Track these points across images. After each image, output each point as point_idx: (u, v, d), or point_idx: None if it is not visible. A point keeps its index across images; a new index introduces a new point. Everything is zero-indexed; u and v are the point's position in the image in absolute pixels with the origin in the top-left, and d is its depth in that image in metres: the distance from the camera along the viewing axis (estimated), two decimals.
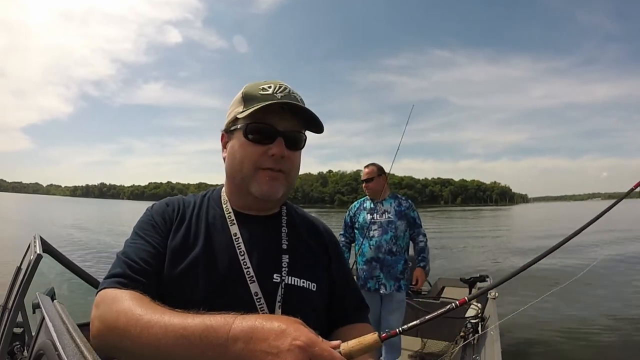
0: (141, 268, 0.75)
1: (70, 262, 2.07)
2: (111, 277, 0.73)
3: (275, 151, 0.80)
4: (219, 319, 0.57)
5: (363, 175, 3.21)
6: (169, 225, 0.84)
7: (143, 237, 0.80)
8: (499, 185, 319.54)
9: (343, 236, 3.29)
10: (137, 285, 0.71)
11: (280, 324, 0.54)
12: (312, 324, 0.80)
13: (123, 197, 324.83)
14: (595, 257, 8.82)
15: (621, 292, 7.70)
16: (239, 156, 0.83)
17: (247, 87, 0.87)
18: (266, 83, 0.85)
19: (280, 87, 0.84)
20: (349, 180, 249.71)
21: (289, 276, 0.82)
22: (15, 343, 1.73)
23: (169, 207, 0.88)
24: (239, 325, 0.55)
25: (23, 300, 1.62)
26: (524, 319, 5.70)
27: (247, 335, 0.54)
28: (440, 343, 3.65)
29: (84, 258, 10.88)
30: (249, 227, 0.85)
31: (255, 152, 0.81)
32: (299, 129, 0.85)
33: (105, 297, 0.69)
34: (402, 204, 3.16)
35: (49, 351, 0.63)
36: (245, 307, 0.73)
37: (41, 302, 0.82)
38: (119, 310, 0.64)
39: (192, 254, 0.79)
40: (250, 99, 0.83)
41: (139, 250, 0.78)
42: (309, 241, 0.92)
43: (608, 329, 5.59)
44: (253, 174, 0.82)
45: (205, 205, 0.89)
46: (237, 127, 0.84)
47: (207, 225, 0.85)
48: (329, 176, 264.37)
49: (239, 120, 0.83)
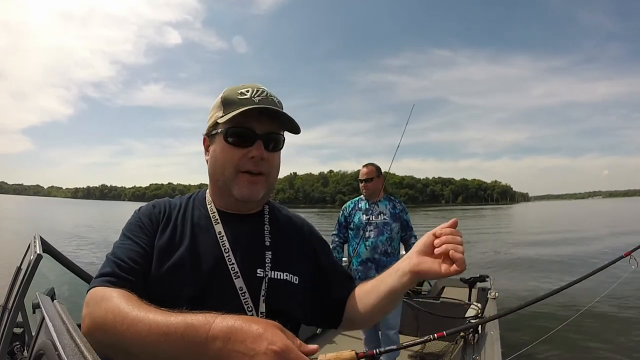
0: (129, 267, 0.78)
1: (70, 262, 2.07)
2: (100, 276, 0.76)
3: (255, 153, 0.85)
4: (200, 318, 0.59)
5: (361, 174, 3.20)
6: (156, 225, 0.87)
7: (131, 237, 0.84)
8: (499, 184, 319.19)
9: (337, 236, 3.27)
10: (126, 284, 0.74)
11: (258, 327, 0.56)
12: (294, 315, 0.88)
13: (124, 198, 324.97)
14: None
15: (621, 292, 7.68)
16: (221, 159, 0.87)
17: (225, 91, 0.90)
18: (244, 87, 0.89)
19: (257, 90, 0.87)
20: (349, 180, 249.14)
21: (272, 271, 0.87)
22: (15, 343, 1.73)
23: (155, 208, 0.91)
24: (219, 324, 0.57)
25: (23, 300, 1.62)
26: (524, 318, 5.71)
27: (225, 336, 0.56)
28: (441, 343, 3.65)
29: (94, 257, 10.97)
30: (233, 225, 0.90)
31: (236, 155, 0.85)
32: (277, 130, 0.89)
33: (95, 295, 0.72)
34: (397, 206, 3.17)
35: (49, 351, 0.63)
36: (231, 301, 0.81)
37: (41, 302, 0.82)
38: (107, 308, 0.67)
39: (178, 253, 0.83)
40: (229, 103, 0.87)
41: (127, 250, 0.81)
42: (291, 237, 0.97)
43: (608, 328, 5.59)
44: (234, 177, 0.86)
45: (191, 206, 0.93)
46: (218, 132, 0.87)
47: (192, 225, 0.89)
48: (330, 176, 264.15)
49: (219, 124, 0.87)
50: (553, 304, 6.32)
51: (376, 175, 3.15)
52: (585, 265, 11.41)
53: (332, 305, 0.97)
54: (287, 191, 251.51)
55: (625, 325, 5.80)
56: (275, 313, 0.81)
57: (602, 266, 1.40)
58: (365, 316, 0.93)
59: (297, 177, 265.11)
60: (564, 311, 5.56)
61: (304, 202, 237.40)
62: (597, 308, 6.37)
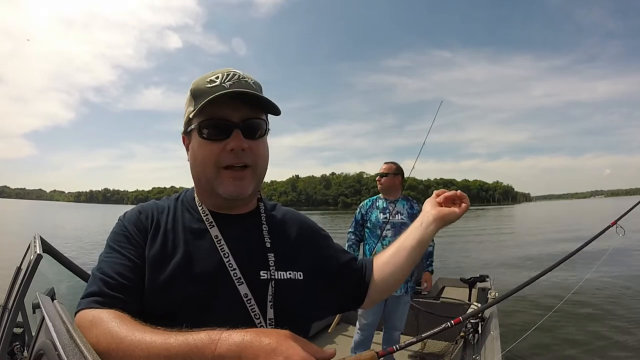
0: (118, 284, 0.70)
1: (70, 262, 2.07)
2: (87, 296, 0.69)
3: (234, 145, 0.76)
4: (203, 337, 0.53)
5: (380, 169, 3.20)
6: (144, 234, 0.79)
7: (117, 250, 0.76)
8: (501, 185, 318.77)
9: (353, 234, 3.25)
10: (116, 303, 0.67)
11: (270, 341, 0.51)
12: (304, 315, 0.84)
13: (127, 202, 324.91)
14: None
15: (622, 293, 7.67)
16: (200, 157, 0.79)
17: (194, 82, 0.81)
18: (214, 74, 0.80)
19: (228, 75, 0.78)
20: (352, 182, 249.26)
21: (277, 271, 0.80)
22: (15, 343, 1.73)
23: (141, 214, 0.82)
24: (225, 342, 0.52)
25: (23, 300, 1.62)
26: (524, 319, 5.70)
27: (234, 354, 0.51)
28: (441, 343, 3.64)
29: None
30: (229, 227, 0.82)
31: (214, 150, 0.77)
32: (257, 115, 0.80)
33: (83, 319, 0.65)
34: (414, 206, 3.15)
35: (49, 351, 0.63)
36: (236, 310, 0.73)
37: (41, 302, 0.82)
38: (99, 333, 0.60)
39: (173, 262, 0.75)
40: (199, 95, 0.78)
41: (114, 264, 0.73)
42: (290, 232, 0.91)
43: (608, 328, 5.57)
44: (216, 174, 0.78)
45: (180, 209, 0.85)
46: (192, 127, 0.79)
47: (184, 230, 0.80)
48: (332, 178, 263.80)
49: (192, 120, 0.79)
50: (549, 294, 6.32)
51: (393, 173, 3.13)
52: (585, 256, 11.42)
53: (351, 290, 0.95)
54: (289, 194, 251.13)
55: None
56: (284, 317, 0.77)
57: (593, 237, 1.39)
58: (391, 280, 0.96)
59: (299, 180, 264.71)
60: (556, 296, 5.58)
61: (307, 204, 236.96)
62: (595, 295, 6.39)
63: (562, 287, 6.48)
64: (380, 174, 3.17)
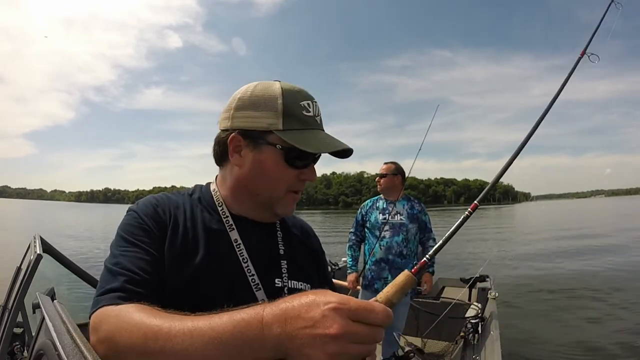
0: (142, 279, 0.67)
1: (70, 262, 2.08)
2: (107, 292, 0.64)
3: (310, 177, 0.81)
4: (249, 311, 0.52)
5: (380, 169, 3.20)
6: (163, 229, 0.76)
7: (136, 243, 0.72)
8: (501, 184, 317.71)
9: (353, 234, 3.24)
10: (141, 298, 0.63)
11: (307, 297, 0.51)
12: None
13: (128, 201, 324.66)
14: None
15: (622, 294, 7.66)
16: (274, 177, 0.79)
17: (286, 96, 0.77)
18: (302, 95, 0.79)
19: (316, 106, 0.80)
20: (352, 182, 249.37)
21: (289, 280, 0.82)
22: (15, 343, 1.74)
23: (158, 207, 0.79)
24: (269, 311, 0.51)
25: (23, 300, 1.62)
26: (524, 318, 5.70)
27: (280, 319, 0.50)
28: (441, 343, 3.64)
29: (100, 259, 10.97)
30: (248, 232, 0.82)
31: (291, 176, 0.79)
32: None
33: (106, 316, 0.60)
34: (415, 206, 3.13)
35: (49, 351, 0.63)
36: None
37: (41, 302, 0.82)
38: (131, 325, 0.56)
39: (195, 262, 0.73)
40: (291, 115, 0.76)
41: (135, 259, 0.69)
42: (302, 243, 0.93)
43: (609, 328, 5.57)
44: (283, 195, 0.81)
45: (199, 208, 0.83)
46: (271, 143, 0.76)
47: (205, 230, 0.79)
48: (333, 178, 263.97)
49: (276, 137, 0.76)
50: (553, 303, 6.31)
51: (392, 173, 3.12)
52: (586, 250, 11.51)
53: None
54: None
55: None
56: None
57: (568, 76, 1.14)
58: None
59: None
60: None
61: (307, 204, 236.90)
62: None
63: (563, 286, 6.47)
64: (380, 175, 3.16)
